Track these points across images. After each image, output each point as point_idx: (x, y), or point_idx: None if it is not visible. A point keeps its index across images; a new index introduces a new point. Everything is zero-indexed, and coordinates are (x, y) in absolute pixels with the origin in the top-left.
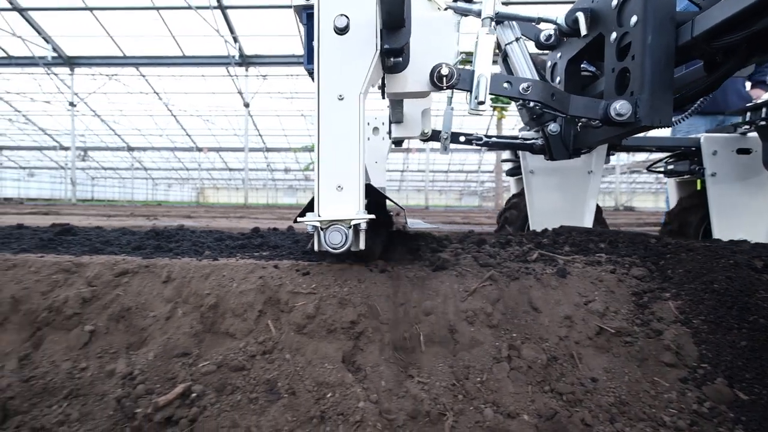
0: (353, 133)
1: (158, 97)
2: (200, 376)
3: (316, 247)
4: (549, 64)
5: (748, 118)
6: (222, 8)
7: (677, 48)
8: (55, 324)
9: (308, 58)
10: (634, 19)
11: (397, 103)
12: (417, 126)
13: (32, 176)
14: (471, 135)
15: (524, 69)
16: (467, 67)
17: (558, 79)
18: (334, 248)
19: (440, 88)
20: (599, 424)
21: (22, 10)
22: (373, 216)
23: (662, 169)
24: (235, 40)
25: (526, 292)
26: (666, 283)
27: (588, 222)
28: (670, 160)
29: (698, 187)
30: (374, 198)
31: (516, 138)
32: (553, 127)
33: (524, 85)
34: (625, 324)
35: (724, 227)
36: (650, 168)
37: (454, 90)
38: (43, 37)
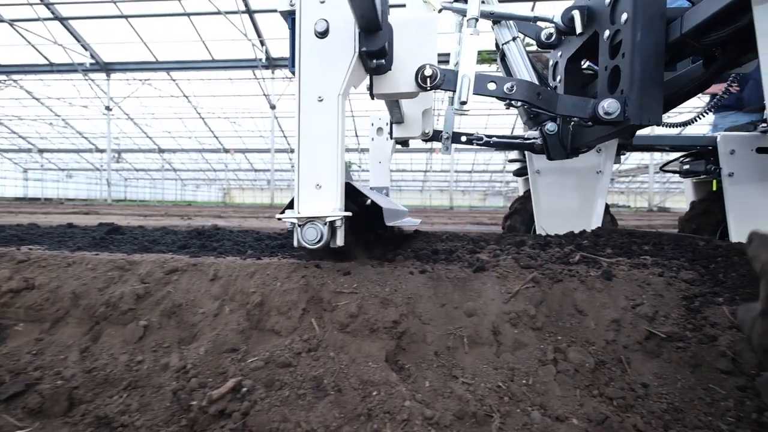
0: (332, 133)
1: (187, 101)
2: (249, 372)
3: (295, 243)
4: (551, 62)
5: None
6: (249, 12)
7: (669, 45)
8: (112, 318)
9: (292, 61)
10: (624, 16)
11: (393, 104)
12: (418, 126)
13: (70, 177)
14: (472, 135)
15: (521, 68)
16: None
17: (558, 77)
18: (309, 244)
19: (425, 89)
20: (652, 430)
21: (63, 20)
22: (349, 213)
23: (678, 169)
24: (262, 43)
25: (570, 294)
26: (718, 288)
27: (596, 224)
28: (686, 160)
29: (714, 188)
30: (353, 197)
31: (517, 137)
32: (550, 126)
33: (508, 84)
34: (676, 329)
35: (742, 230)
36: (664, 168)
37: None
38: (82, 45)
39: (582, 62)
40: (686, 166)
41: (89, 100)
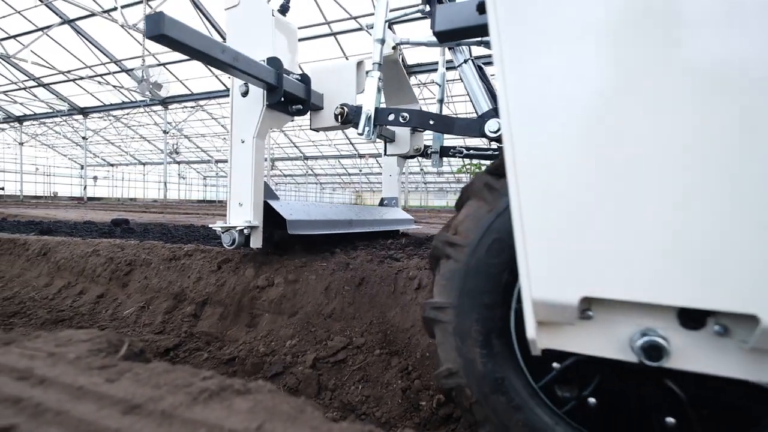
0: (249, 166)
1: None
2: None
3: (224, 246)
4: None
5: None
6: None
7: None
8: (335, 316)
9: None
10: None
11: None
12: (407, 143)
13: None
14: (455, 148)
15: (473, 87)
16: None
17: None
18: (227, 245)
19: (340, 124)
20: None
21: None
22: (257, 224)
23: None
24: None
25: None
26: None
27: None
28: None
29: None
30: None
31: (489, 149)
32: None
33: (404, 114)
34: None
35: None
36: None
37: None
38: None
39: None
40: None
41: None
